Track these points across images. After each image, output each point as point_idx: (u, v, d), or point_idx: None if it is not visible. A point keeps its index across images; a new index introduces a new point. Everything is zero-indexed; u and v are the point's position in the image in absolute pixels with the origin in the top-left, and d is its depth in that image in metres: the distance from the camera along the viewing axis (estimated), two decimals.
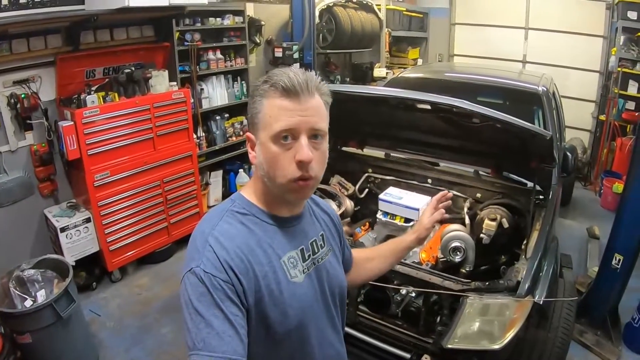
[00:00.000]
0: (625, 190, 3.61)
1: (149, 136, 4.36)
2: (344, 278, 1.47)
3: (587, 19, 7.21)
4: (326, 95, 1.23)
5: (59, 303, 3.00)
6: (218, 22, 5.18)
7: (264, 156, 1.18)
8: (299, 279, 1.25)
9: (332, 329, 1.38)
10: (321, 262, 1.35)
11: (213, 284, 1.07)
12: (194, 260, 1.12)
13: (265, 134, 1.17)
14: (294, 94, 1.14)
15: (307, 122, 1.15)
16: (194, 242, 1.18)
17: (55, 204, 4.31)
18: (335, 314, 1.40)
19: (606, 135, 6.81)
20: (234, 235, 1.17)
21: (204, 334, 1.04)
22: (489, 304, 2.37)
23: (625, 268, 3.54)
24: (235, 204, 1.26)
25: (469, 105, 2.45)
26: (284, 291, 1.19)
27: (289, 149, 1.16)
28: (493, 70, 5.06)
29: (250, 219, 1.23)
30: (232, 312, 1.07)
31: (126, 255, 4.37)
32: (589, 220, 5.72)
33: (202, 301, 1.07)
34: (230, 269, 1.10)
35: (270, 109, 1.16)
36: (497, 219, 2.89)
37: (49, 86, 4.05)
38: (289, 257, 1.25)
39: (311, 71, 1.23)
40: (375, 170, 3.72)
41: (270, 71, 1.20)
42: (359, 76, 7.93)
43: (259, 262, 1.17)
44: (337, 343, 1.41)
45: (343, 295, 1.45)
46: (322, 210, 1.49)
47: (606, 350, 3.56)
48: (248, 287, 1.13)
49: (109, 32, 4.36)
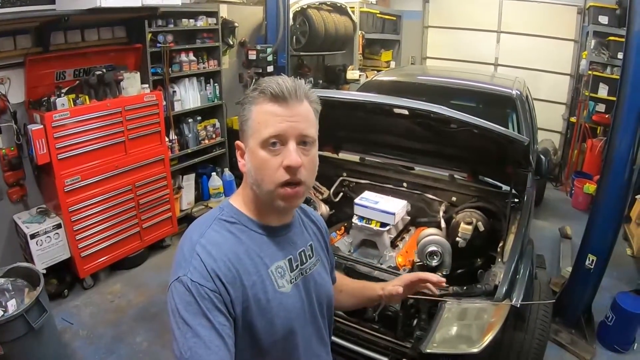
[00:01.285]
0: (598, 192, 3.68)
1: (121, 140, 4.28)
2: (332, 289, 1.47)
3: (559, 23, 7.37)
4: (315, 103, 1.24)
5: (30, 313, 2.91)
6: (191, 23, 5.11)
7: (253, 163, 1.18)
8: (286, 289, 1.24)
9: (318, 339, 1.38)
10: (309, 273, 1.34)
11: (200, 293, 1.07)
12: (182, 269, 1.11)
13: (254, 140, 1.17)
14: (282, 99, 1.14)
15: (296, 128, 1.15)
16: (181, 250, 1.17)
17: (25, 210, 4.19)
18: (322, 325, 1.39)
19: (577, 137, 6.97)
20: (222, 243, 1.17)
21: (191, 343, 1.04)
22: (467, 308, 2.39)
23: (598, 268, 3.62)
24: (224, 212, 1.25)
25: (447, 111, 2.46)
26: (271, 301, 1.19)
27: (277, 154, 1.15)
28: (466, 74, 5.12)
29: (239, 227, 1.23)
30: (220, 321, 1.07)
31: (98, 261, 4.28)
32: (561, 221, 5.84)
33: (189, 310, 1.06)
34: (218, 278, 1.10)
35: (258, 115, 1.16)
36: (472, 223, 2.92)
37: (18, 88, 3.93)
38: (277, 266, 1.24)
39: (295, 77, 1.23)
40: (350, 174, 3.71)
41: (260, 79, 1.21)
42: (332, 78, 7.94)
43: (246, 272, 1.16)
44: (323, 354, 1.40)
45: (331, 305, 1.45)
46: (311, 220, 1.48)
47: (581, 349, 3.63)
48: (235, 297, 1.12)
49: (80, 33, 4.27)
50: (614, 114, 3.40)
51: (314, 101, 1.24)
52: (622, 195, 3.44)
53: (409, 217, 3.38)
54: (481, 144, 2.70)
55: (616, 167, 3.38)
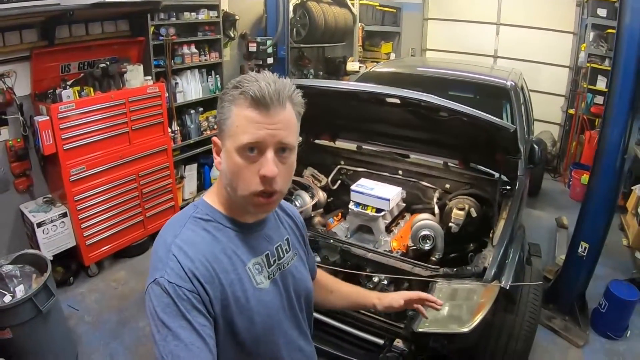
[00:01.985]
0: (591, 180, 3.73)
1: (124, 130, 4.36)
2: (310, 282, 1.47)
3: (558, 16, 7.37)
4: (299, 106, 1.19)
5: (38, 297, 3.00)
6: (193, 16, 5.19)
7: (228, 166, 1.14)
8: (264, 285, 1.23)
9: (299, 333, 1.38)
10: (287, 267, 1.33)
11: (178, 294, 1.05)
12: (158, 271, 1.09)
13: (231, 143, 1.12)
14: (263, 105, 1.09)
15: (275, 136, 1.11)
16: (156, 251, 1.15)
17: (31, 200, 4.28)
18: (302, 318, 1.39)
19: (575, 129, 7.00)
20: (197, 242, 1.14)
21: (171, 346, 1.02)
22: (457, 289, 2.46)
23: (591, 255, 3.68)
24: (198, 210, 1.22)
25: (437, 100, 2.53)
26: (250, 298, 1.18)
27: (254, 162, 1.11)
28: (464, 65, 5.17)
29: (214, 225, 1.20)
30: (199, 322, 1.05)
31: (103, 249, 4.37)
32: (558, 211, 5.90)
33: (167, 312, 1.04)
34: (195, 278, 1.08)
35: (238, 118, 1.11)
36: (465, 209, 3.00)
37: (24, 81, 4.01)
38: (254, 263, 1.23)
39: (285, 77, 1.17)
40: (347, 162, 3.80)
41: (242, 75, 1.16)
42: (332, 70, 8.01)
43: (224, 270, 1.14)
44: (305, 346, 1.40)
45: (310, 298, 1.45)
46: (286, 214, 1.46)
47: (574, 335, 3.70)
48: (214, 296, 1.11)
49: (84, 26, 4.33)
50: (605, 104, 3.47)
51: (298, 104, 1.18)
52: (613, 184, 3.50)
53: (404, 204, 3.46)
54: (471, 132, 2.77)
55: (608, 156, 3.45)
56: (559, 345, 3.65)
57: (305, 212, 3.35)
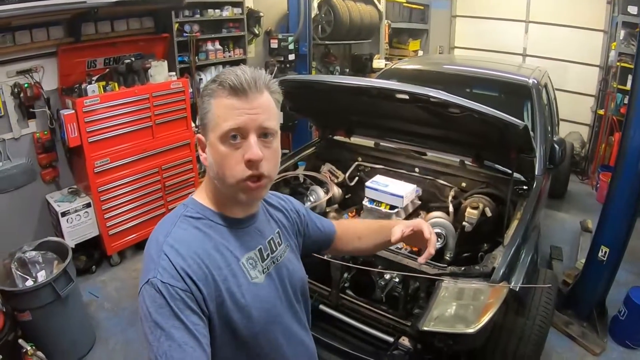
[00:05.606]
0: (612, 182, 3.62)
1: (148, 124, 4.46)
2: (304, 272, 1.47)
3: (588, 13, 7.18)
4: (277, 94, 1.21)
5: (58, 282, 3.12)
6: (217, 13, 5.28)
7: (214, 157, 1.16)
8: (259, 280, 1.24)
9: (298, 325, 1.38)
10: (280, 260, 1.34)
11: (171, 293, 1.04)
12: (150, 271, 1.08)
13: (213, 134, 1.14)
14: (241, 92, 1.11)
15: (255, 120, 1.12)
16: (148, 252, 1.15)
17: (56, 190, 4.44)
18: (299, 310, 1.40)
19: (604, 130, 6.81)
20: (189, 240, 1.14)
21: (165, 347, 1.01)
22: (464, 288, 2.42)
23: (611, 260, 3.56)
24: (188, 209, 1.23)
25: (444, 96, 2.50)
26: (245, 294, 1.17)
27: (238, 148, 1.13)
28: (488, 63, 5.09)
29: (205, 222, 1.21)
30: (193, 321, 1.05)
31: (125, 239, 4.49)
32: (584, 214, 5.74)
33: (160, 313, 1.03)
34: (188, 277, 1.07)
35: (218, 108, 1.13)
36: (479, 208, 2.96)
37: (51, 76, 4.16)
38: (248, 258, 1.24)
39: (261, 69, 1.20)
40: (365, 159, 3.79)
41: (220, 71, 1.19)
42: (358, 67, 7.97)
43: (217, 267, 1.14)
44: (305, 338, 1.41)
45: (305, 289, 1.45)
46: (275, 208, 1.47)
47: (591, 342, 3.59)
48: (208, 294, 1.10)
49: (110, 23, 4.45)
50: (628, 104, 3.38)
51: (275, 92, 1.20)
52: (636, 186, 3.38)
53: (420, 202, 3.44)
54: (483, 129, 2.73)
55: (630, 158, 3.34)
56: (575, 353, 3.56)
57: (320, 208, 3.37)
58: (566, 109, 5.91)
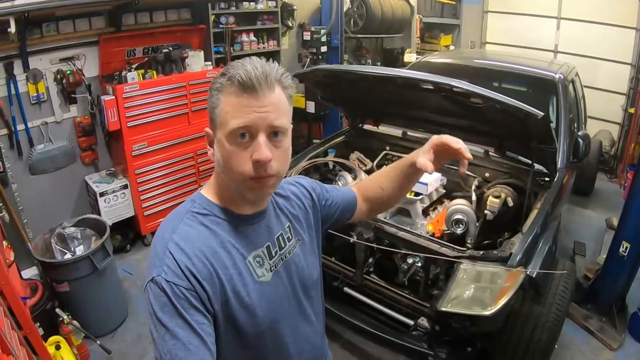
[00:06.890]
0: (635, 177, 3.63)
1: (184, 111, 4.64)
2: (317, 268, 1.44)
3: (620, 10, 7.05)
4: (289, 88, 1.15)
5: (95, 256, 3.31)
6: (252, 6, 5.43)
7: (221, 154, 1.12)
8: (266, 278, 1.21)
9: (305, 322, 1.36)
10: (289, 257, 1.31)
11: (175, 292, 1.03)
12: (155, 268, 1.07)
13: (221, 131, 1.10)
14: (251, 88, 1.06)
15: (265, 119, 1.07)
16: (154, 248, 1.12)
17: (95, 172, 4.68)
18: (307, 307, 1.36)
19: (634, 129, 6.72)
20: (194, 238, 1.12)
21: (169, 345, 1.00)
22: (482, 271, 2.50)
23: (632, 256, 3.57)
24: (196, 205, 1.19)
25: (467, 85, 2.58)
26: (251, 293, 1.15)
27: (246, 147, 1.08)
28: (517, 58, 5.10)
29: (212, 219, 1.17)
30: (197, 320, 1.03)
31: (159, 220, 4.60)
32: (610, 212, 5.68)
33: (165, 311, 1.02)
34: (192, 276, 1.05)
35: (226, 105, 1.08)
36: (501, 197, 3.00)
37: (93, 64, 4.38)
38: (255, 256, 1.21)
39: (273, 62, 1.14)
40: (392, 148, 3.87)
41: (229, 63, 1.14)
42: (389, 61, 8.06)
43: (222, 265, 1.12)
44: (312, 336, 1.39)
45: (316, 285, 1.42)
46: (285, 199, 1.39)
47: (609, 337, 3.60)
48: (212, 293, 1.08)
49: (149, 14, 4.66)
50: None
51: (288, 86, 1.14)
52: None
53: (444, 190, 3.53)
54: (505, 119, 2.79)
55: None
56: (592, 346, 3.57)
57: None
58: (597, 106, 5.86)
